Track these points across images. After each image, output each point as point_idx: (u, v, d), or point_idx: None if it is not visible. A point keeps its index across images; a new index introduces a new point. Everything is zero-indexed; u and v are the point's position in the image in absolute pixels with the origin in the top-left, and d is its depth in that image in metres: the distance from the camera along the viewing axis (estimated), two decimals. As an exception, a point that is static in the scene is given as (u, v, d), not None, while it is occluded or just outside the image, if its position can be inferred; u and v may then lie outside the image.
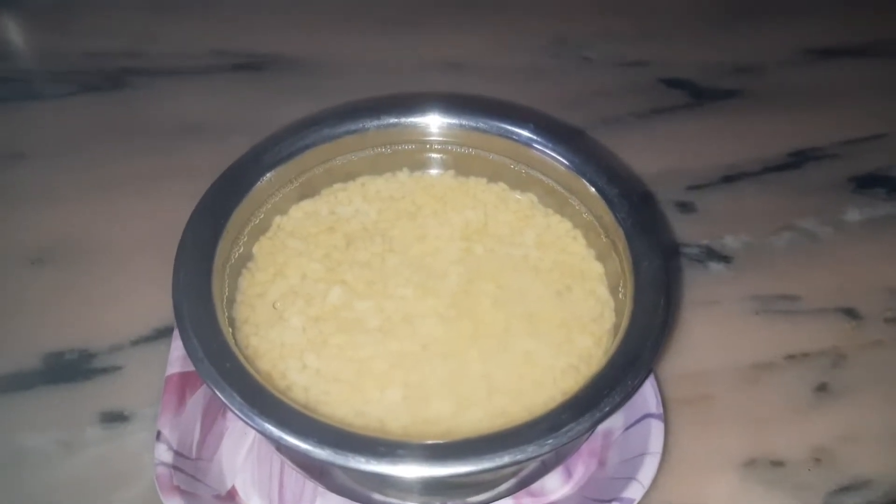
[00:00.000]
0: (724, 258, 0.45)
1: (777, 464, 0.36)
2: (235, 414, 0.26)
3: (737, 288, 0.44)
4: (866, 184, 0.51)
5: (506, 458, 0.25)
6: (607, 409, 0.26)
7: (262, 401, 0.26)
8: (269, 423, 0.25)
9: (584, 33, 0.61)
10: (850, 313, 0.43)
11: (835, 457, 0.37)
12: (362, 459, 0.24)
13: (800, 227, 0.47)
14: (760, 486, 0.36)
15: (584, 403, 0.26)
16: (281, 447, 0.25)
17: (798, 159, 0.52)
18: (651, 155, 0.51)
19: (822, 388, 0.39)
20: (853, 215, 0.48)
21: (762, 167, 0.51)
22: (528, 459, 0.25)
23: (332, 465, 0.24)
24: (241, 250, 0.34)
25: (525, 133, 0.37)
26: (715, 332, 0.42)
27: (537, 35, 0.61)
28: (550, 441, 0.25)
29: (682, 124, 0.54)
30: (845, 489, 0.36)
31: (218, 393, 0.26)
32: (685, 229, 0.47)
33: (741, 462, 0.36)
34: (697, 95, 0.57)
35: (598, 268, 0.36)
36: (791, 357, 0.41)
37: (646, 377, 0.26)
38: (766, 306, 0.43)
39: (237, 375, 0.27)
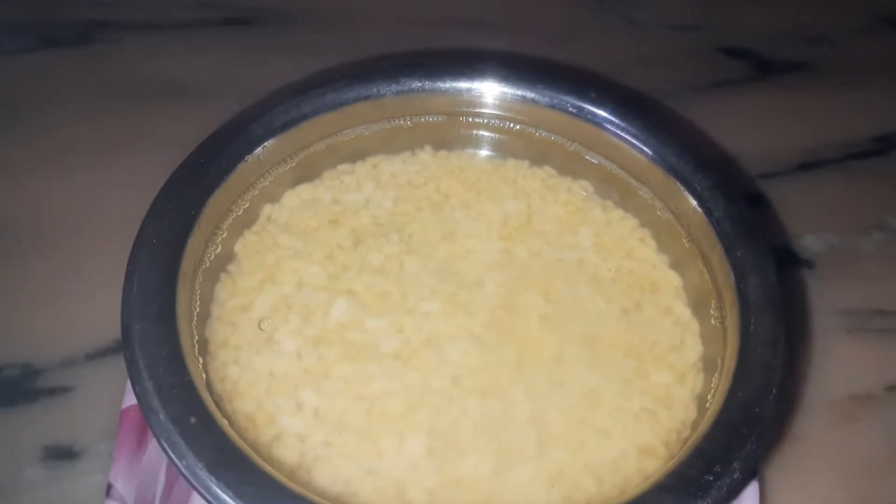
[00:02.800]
0: (806, 262, 0.38)
1: (887, 526, 0.29)
2: (201, 494, 0.18)
3: (823, 299, 0.36)
4: (965, 175, 0.43)
5: (585, 569, 0.17)
6: (724, 490, 0.18)
7: (240, 474, 0.18)
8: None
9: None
10: (961, 333, 0.35)
11: (955, 516, 0.30)
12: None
13: (892, 227, 0.40)
14: (869, 555, 0.29)
15: (689, 481, 0.19)
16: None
17: (884, 145, 0.45)
18: (713, 136, 0.43)
19: (933, 427, 0.32)
20: (953, 212, 0.41)
21: (843, 153, 0.44)
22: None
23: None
24: (220, 249, 0.27)
25: (583, 103, 0.29)
26: (800, 355, 0.34)
27: (574, -9, 0.53)
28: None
29: (747, 100, 0.47)
30: (972, 559, 0.29)
31: (176, 462, 0.18)
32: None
33: (843, 524, 0.29)
34: (762, 67, 0.49)
35: (673, 279, 0.28)
36: (893, 388, 0.34)
37: (769, 440, 0.19)
38: (860, 323, 0.36)
39: (205, 434, 0.19)
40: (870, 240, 0.39)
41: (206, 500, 0.18)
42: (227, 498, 0.18)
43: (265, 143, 0.28)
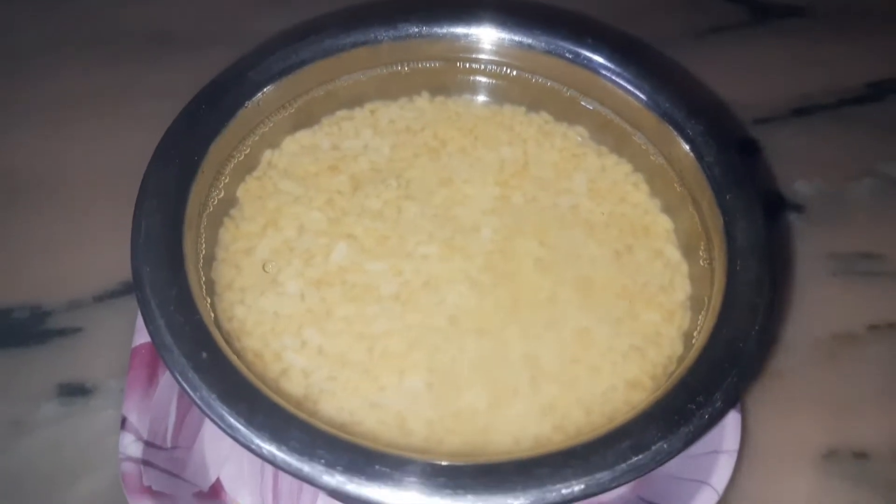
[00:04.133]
0: (796, 207, 0.39)
1: (860, 455, 0.31)
2: (215, 423, 0.19)
3: (811, 244, 0.37)
4: (957, 121, 0.43)
5: (575, 488, 0.19)
6: (706, 418, 0.20)
7: (251, 404, 0.20)
8: (262, 438, 0.19)
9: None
10: (943, 276, 0.37)
11: (926, 448, 0.31)
12: (388, 490, 0.18)
13: (883, 173, 0.41)
14: (843, 482, 0.30)
15: (673, 409, 0.20)
16: (284, 471, 0.19)
17: (878, 90, 0.45)
18: (710, 82, 0.43)
19: (910, 364, 0.34)
20: (943, 159, 0.42)
21: (837, 99, 0.44)
22: (603, 491, 0.19)
23: (349, 495, 0.18)
24: (222, 194, 0.28)
25: (580, 49, 0.29)
26: (787, 297, 0.35)
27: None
28: (634, 467, 0.19)
29: (744, 46, 0.46)
30: (939, 487, 0.31)
31: (191, 393, 0.20)
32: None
33: (820, 453, 0.31)
34: (760, 12, 0.48)
35: (665, 222, 0.29)
36: (875, 328, 0.35)
37: (752, 374, 0.20)
38: (846, 266, 0.37)
39: (216, 368, 0.20)
40: (860, 186, 0.40)
41: (221, 428, 0.19)
42: (239, 426, 0.19)
43: (264, 90, 0.28)
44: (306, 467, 0.19)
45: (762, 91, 0.44)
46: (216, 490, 0.28)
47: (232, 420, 0.19)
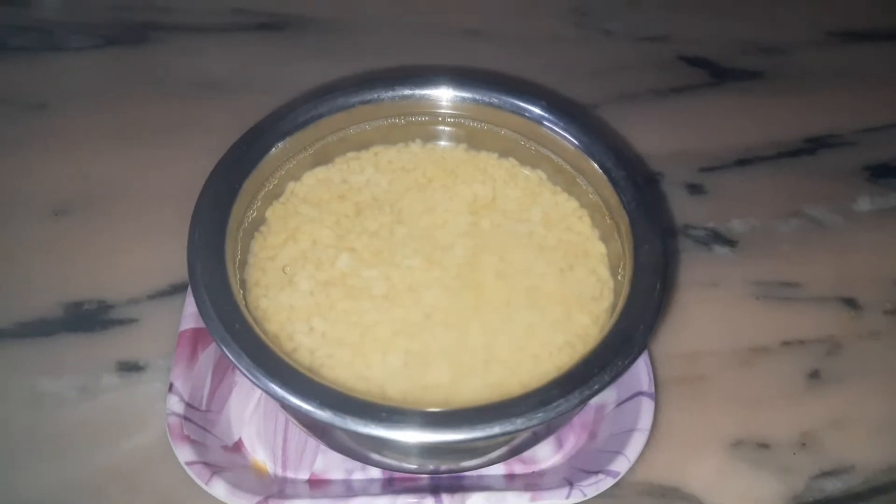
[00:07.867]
0: (729, 242, 0.46)
1: (763, 445, 0.38)
2: (242, 373, 0.27)
3: (739, 272, 0.44)
4: (881, 173, 0.50)
5: (496, 429, 0.26)
6: (596, 387, 0.27)
7: (269, 362, 0.27)
8: (274, 384, 0.27)
9: (607, 4, 0.61)
10: (850, 303, 0.43)
11: (820, 442, 0.38)
12: (361, 423, 0.26)
13: (808, 214, 0.48)
14: (745, 465, 0.37)
15: (575, 380, 0.27)
16: (285, 407, 0.27)
17: (813, 145, 0.52)
18: (666, 134, 0.51)
19: (814, 374, 0.40)
20: (864, 204, 0.49)
21: (777, 152, 0.51)
22: (517, 431, 0.26)
23: (333, 426, 0.26)
24: (255, 214, 0.35)
25: (536, 110, 0.37)
26: (713, 315, 0.42)
27: (559, 4, 0.61)
28: (539, 415, 0.26)
29: (701, 104, 0.54)
30: (828, 474, 0.37)
31: (226, 352, 0.27)
32: (693, 211, 0.47)
33: (729, 442, 0.38)
34: (718, 75, 0.56)
35: (601, 248, 0.36)
36: (787, 343, 0.42)
37: (636, 358, 0.27)
38: (767, 292, 0.44)
39: (246, 336, 0.28)
40: (786, 224, 0.47)
41: (247, 377, 0.27)
42: (260, 375, 0.27)
43: (290, 136, 0.36)
44: (305, 405, 0.26)
45: (712, 143, 0.52)
46: (238, 446, 0.35)
47: (255, 371, 0.27)
